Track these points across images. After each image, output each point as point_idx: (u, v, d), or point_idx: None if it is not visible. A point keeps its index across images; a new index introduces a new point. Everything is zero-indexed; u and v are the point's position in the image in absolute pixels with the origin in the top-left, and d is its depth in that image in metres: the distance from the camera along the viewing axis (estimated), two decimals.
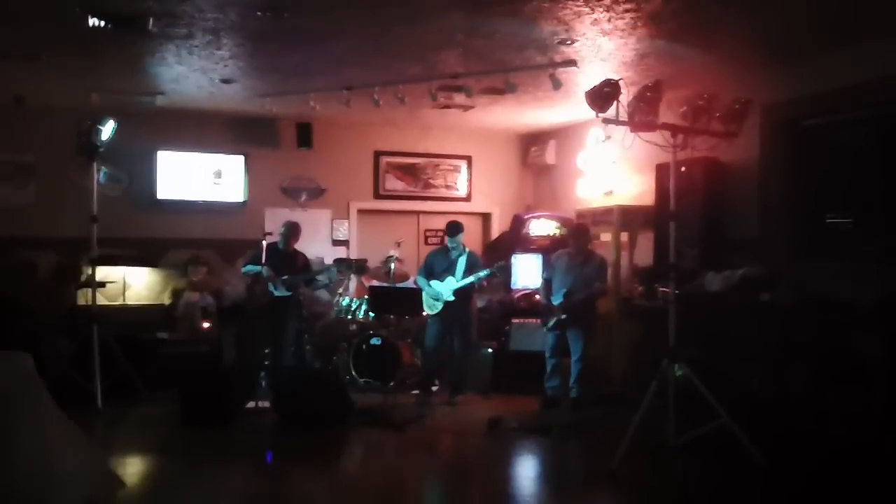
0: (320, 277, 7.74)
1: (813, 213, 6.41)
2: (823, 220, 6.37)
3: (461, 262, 7.66)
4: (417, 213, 10.31)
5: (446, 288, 7.60)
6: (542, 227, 9.11)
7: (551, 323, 7.26)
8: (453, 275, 7.63)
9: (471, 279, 7.55)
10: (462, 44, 5.90)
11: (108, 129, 7.05)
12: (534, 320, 8.10)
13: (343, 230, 9.82)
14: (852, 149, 6.24)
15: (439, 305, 7.64)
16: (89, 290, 7.39)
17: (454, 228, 7.76)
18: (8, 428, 3.32)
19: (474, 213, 10.53)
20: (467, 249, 7.83)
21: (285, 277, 7.44)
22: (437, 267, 7.76)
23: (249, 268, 7.59)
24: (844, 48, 5.80)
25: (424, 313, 7.77)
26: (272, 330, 7.53)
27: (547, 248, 8.67)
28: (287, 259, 7.55)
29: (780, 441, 5.49)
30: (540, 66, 6.46)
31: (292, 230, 7.71)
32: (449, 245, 7.76)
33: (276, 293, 7.48)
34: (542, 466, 5.95)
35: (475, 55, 6.21)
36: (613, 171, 8.41)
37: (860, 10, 5.06)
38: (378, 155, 10.00)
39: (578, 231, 7.55)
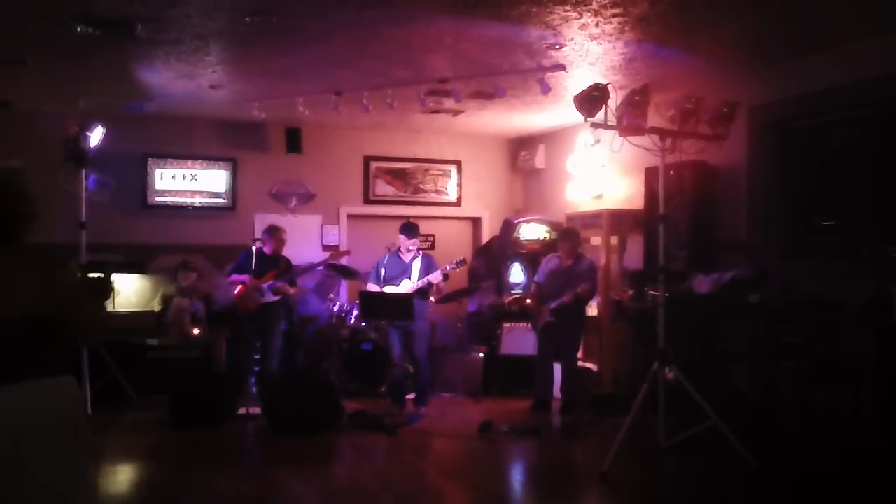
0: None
1: (801, 214, 6.45)
2: (812, 221, 6.41)
3: (416, 265, 7.36)
4: (408, 217, 10.25)
5: (403, 291, 7.27)
6: (532, 231, 9.13)
7: (541, 326, 7.28)
8: (409, 278, 7.33)
9: (429, 278, 7.21)
10: (451, 48, 5.91)
11: (96, 135, 7.02)
12: (524, 324, 8.12)
13: (333, 235, 9.80)
14: (840, 149, 6.27)
15: None
16: None
17: (413, 229, 7.49)
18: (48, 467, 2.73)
19: (464, 218, 10.54)
20: (421, 252, 7.55)
21: (271, 283, 7.34)
22: (388, 272, 7.41)
23: (236, 276, 7.47)
24: (831, 49, 5.84)
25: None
26: (260, 336, 7.46)
27: (537, 252, 8.69)
28: (271, 263, 7.44)
29: (770, 441, 5.52)
30: (528, 70, 6.48)
31: (273, 234, 7.59)
32: (407, 247, 7.43)
33: (264, 299, 7.39)
34: (533, 468, 5.97)
35: (464, 59, 6.23)
36: (603, 174, 8.44)
37: (845, 12, 5.10)
38: (368, 160, 9.99)
39: (568, 234, 7.57)
